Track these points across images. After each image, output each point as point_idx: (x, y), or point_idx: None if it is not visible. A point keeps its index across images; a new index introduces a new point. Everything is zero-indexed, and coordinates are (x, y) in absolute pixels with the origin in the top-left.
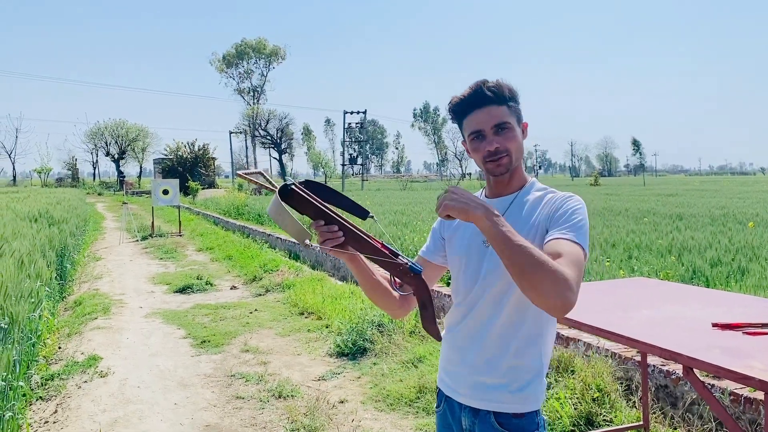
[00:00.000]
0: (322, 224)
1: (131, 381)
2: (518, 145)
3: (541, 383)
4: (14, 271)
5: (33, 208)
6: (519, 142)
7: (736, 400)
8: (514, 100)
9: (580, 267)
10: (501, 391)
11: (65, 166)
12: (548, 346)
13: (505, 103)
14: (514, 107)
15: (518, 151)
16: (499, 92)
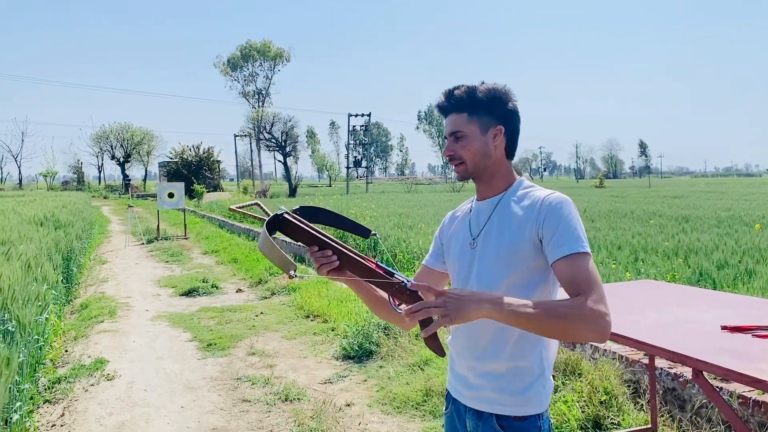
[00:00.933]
0: (315, 250)
1: (138, 384)
2: (475, 152)
3: (544, 386)
4: (21, 274)
5: (39, 212)
6: (476, 149)
7: (744, 402)
8: (480, 106)
9: (595, 277)
10: (501, 394)
11: (71, 170)
12: (550, 348)
13: (465, 111)
14: (478, 114)
15: (476, 158)
16: (459, 100)
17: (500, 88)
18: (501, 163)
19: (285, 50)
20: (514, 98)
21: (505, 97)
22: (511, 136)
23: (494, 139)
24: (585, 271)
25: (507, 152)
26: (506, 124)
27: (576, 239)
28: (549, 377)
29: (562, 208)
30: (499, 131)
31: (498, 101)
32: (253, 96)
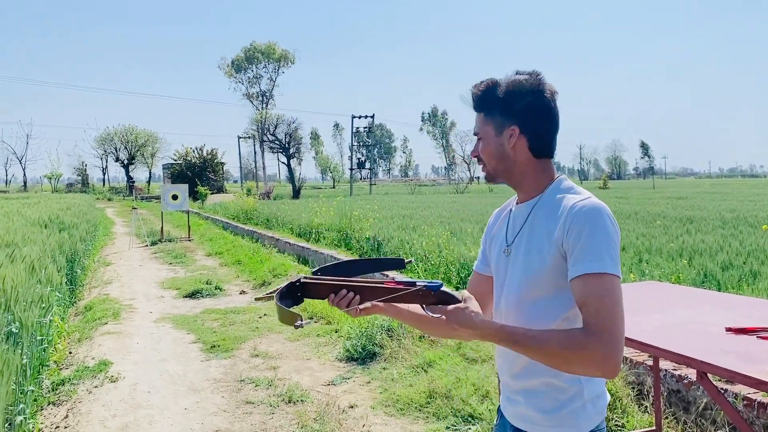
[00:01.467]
0: (332, 297)
1: (141, 386)
2: (490, 155)
3: (584, 407)
4: (25, 276)
5: (43, 214)
6: (491, 151)
7: (749, 404)
8: (494, 105)
9: (608, 307)
10: (535, 412)
11: (75, 172)
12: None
13: (482, 110)
14: (493, 114)
15: (494, 160)
16: (477, 99)
17: (519, 82)
18: (528, 164)
19: (290, 52)
20: (539, 91)
21: (522, 92)
22: (533, 134)
23: (510, 139)
24: (597, 297)
25: (534, 151)
26: (523, 122)
27: (597, 256)
28: (591, 398)
29: (591, 218)
30: (514, 132)
31: (513, 99)
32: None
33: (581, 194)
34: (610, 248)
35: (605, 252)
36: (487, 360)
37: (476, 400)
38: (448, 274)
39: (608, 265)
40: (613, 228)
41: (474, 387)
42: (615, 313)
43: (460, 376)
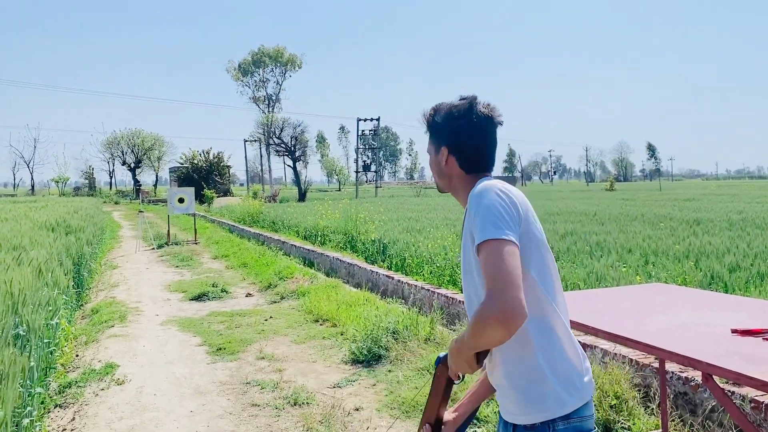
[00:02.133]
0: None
1: (148, 389)
2: (433, 170)
3: (548, 390)
4: (32, 279)
5: (50, 217)
6: (434, 167)
7: (757, 407)
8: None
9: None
10: (508, 400)
11: (82, 176)
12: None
13: (427, 132)
14: (432, 136)
15: (436, 176)
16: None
17: (450, 108)
18: (461, 178)
19: (297, 56)
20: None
21: (451, 117)
22: (461, 154)
23: (442, 158)
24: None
25: (464, 168)
26: (451, 143)
27: (480, 228)
28: (560, 380)
29: (475, 199)
30: (444, 152)
31: (444, 123)
32: (264, 101)
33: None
34: (489, 216)
35: (486, 221)
36: None
37: (482, 402)
38: (453, 276)
39: (489, 232)
40: (496, 198)
41: None
42: (499, 269)
43: (466, 378)
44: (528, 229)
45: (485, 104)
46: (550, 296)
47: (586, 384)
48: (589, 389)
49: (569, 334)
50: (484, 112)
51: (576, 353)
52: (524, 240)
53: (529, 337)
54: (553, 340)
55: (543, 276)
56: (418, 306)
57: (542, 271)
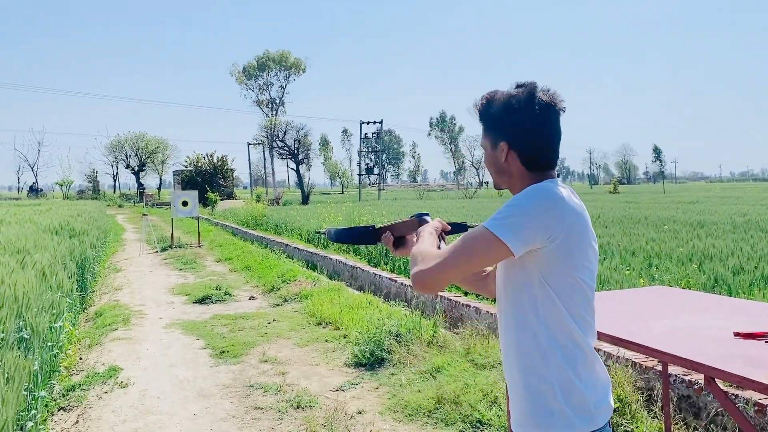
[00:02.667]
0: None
1: (151, 391)
2: (489, 167)
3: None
4: (36, 282)
5: (54, 221)
6: (489, 164)
7: (761, 410)
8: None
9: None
10: (518, 410)
11: (86, 179)
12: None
13: (482, 124)
14: (489, 129)
15: (494, 173)
16: (479, 113)
17: (509, 99)
18: (523, 176)
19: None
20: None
21: (511, 109)
22: (523, 150)
23: (502, 154)
24: (466, 236)
25: (526, 165)
26: (512, 139)
27: (498, 217)
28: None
29: (524, 193)
30: (504, 148)
31: (503, 115)
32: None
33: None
34: (509, 212)
35: (502, 213)
36: (496, 366)
37: (485, 405)
38: None
39: (494, 223)
40: (533, 201)
41: (482, 393)
42: (455, 250)
43: (469, 381)
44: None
45: (545, 90)
46: (576, 316)
47: (602, 409)
48: (604, 415)
49: (594, 356)
50: (546, 99)
51: (596, 378)
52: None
53: (552, 353)
54: (574, 360)
55: (569, 295)
56: (421, 309)
57: (570, 290)
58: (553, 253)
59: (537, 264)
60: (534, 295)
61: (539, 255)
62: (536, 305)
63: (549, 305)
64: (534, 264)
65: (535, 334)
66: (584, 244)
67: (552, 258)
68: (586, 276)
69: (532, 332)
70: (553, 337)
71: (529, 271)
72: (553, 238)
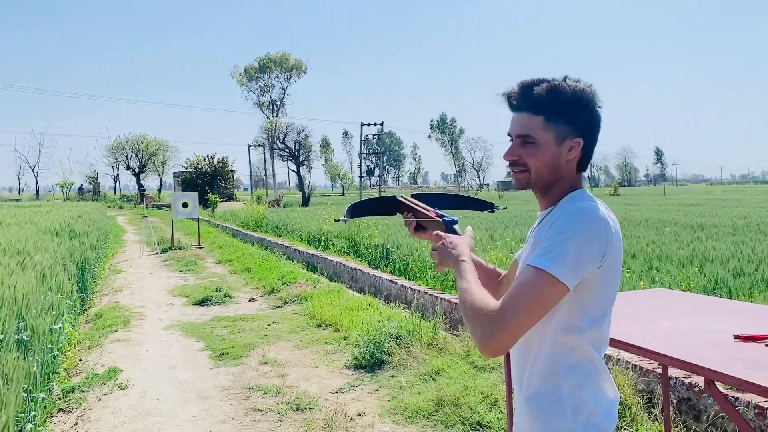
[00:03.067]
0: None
1: (150, 393)
2: (544, 164)
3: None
4: (36, 283)
5: (55, 222)
6: (546, 160)
7: (761, 413)
8: (562, 112)
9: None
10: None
11: (87, 180)
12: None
13: (542, 113)
14: (557, 121)
15: (544, 170)
16: (537, 100)
17: (588, 90)
18: (570, 176)
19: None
20: (600, 103)
21: (586, 103)
22: (589, 148)
23: (569, 152)
24: (518, 284)
25: (580, 165)
26: (587, 135)
27: (546, 251)
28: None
29: (569, 215)
30: (577, 144)
31: (579, 109)
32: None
33: (585, 201)
34: (565, 248)
35: (557, 250)
36: (496, 368)
37: (484, 408)
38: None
39: (547, 262)
40: (591, 234)
41: (482, 395)
42: (522, 303)
43: (469, 384)
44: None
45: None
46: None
47: (610, 426)
48: (612, 429)
49: (606, 373)
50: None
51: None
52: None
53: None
54: (587, 379)
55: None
56: (421, 311)
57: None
58: (595, 279)
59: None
60: (560, 316)
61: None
62: (559, 325)
63: (572, 326)
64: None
65: (551, 354)
66: (619, 263)
67: (591, 283)
68: (613, 296)
69: (549, 351)
70: (570, 356)
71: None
72: (599, 266)
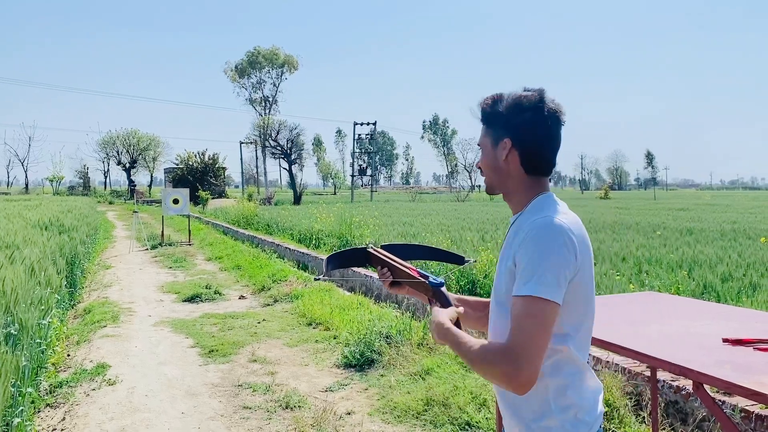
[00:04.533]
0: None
1: (139, 389)
2: (487, 167)
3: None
4: (25, 278)
5: (44, 216)
6: (488, 163)
7: (747, 416)
8: (494, 118)
9: (524, 329)
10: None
11: (77, 175)
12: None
13: (484, 122)
14: (492, 127)
15: (490, 172)
16: (481, 112)
17: (519, 97)
18: (520, 179)
19: (294, 57)
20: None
21: (520, 108)
22: (525, 150)
23: (503, 152)
24: (517, 317)
25: (525, 168)
26: (516, 136)
27: (528, 278)
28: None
29: (536, 235)
30: (506, 144)
31: (511, 113)
32: (260, 103)
33: (543, 211)
34: (543, 268)
35: (537, 272)
36: None
37: (473, 408)
38: (447, 282)
39: (537, 287)
40: (558, 246)
41: (471, 395)
42: (529, 334)
43: (458, 383)
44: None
45: (552, 100)
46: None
47: (596, 418)
48: (598, 422)
49: (588, 369)
50: (553, 108)
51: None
52: (571, 291)
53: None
54: (571, 378)
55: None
56: (412, 310)
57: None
58: (571, 288)
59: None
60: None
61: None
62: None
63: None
64: None
65: None
66: (590, 265)
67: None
68: (591, 297)
69: None
70: (555, 360)
71: None
72: (573, 276)
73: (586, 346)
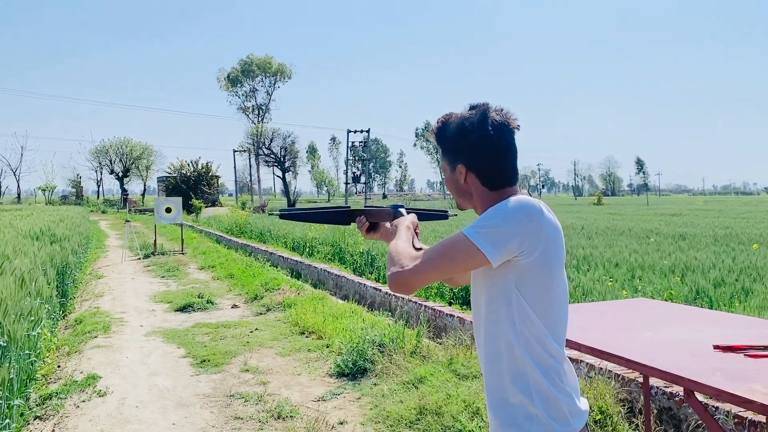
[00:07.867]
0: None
1: (130, 400)
2: (451, 189)
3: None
4: (14, 288)
5: (35, 226)
6: (450, 186)
7: (740, 423)
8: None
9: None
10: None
11: (70, 184)
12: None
13: (440, 147)
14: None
15: (455, 193)
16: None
17: (462, 121)
18: (484, 195)
19: (287, 66)
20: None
21: (465, 131)
22: (481, 170)
23: (461, 177)
24: (443, 242)
25: (486, 185)
26: (469, 160)
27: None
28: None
29: (503, 203)
30: (462, 170)
31: (459, 138)
32: (253, 111)
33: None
34: (490, 223)
35: (482, 223)
36: (479, 376)
37: (466, 417)
38: (441, 289)
39: (471, 230)
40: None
41: (464, 404)
42: (437, 255)
43: (451, 392)
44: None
45: (498, 110)
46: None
47: (576, 413)
48: (580, 418)
49: (567, 363)
50: (499, 119)
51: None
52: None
53: (528, 364)
54: (549, 370)
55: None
56: (405, 318)
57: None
58: (532, 266)
59: (515, 277)
60: (511, 309)
61: (517, 268)
62: (513, 318)
63: (525, 318)
64: (512, 277)
65: (511, 346)
66: (561, 257)
67: (530, 271)
68: (561, 289)
69: (508, 344)
70: (529, 348)
71: (507, 284)
72: (532, 250)
73: (563, 341)
